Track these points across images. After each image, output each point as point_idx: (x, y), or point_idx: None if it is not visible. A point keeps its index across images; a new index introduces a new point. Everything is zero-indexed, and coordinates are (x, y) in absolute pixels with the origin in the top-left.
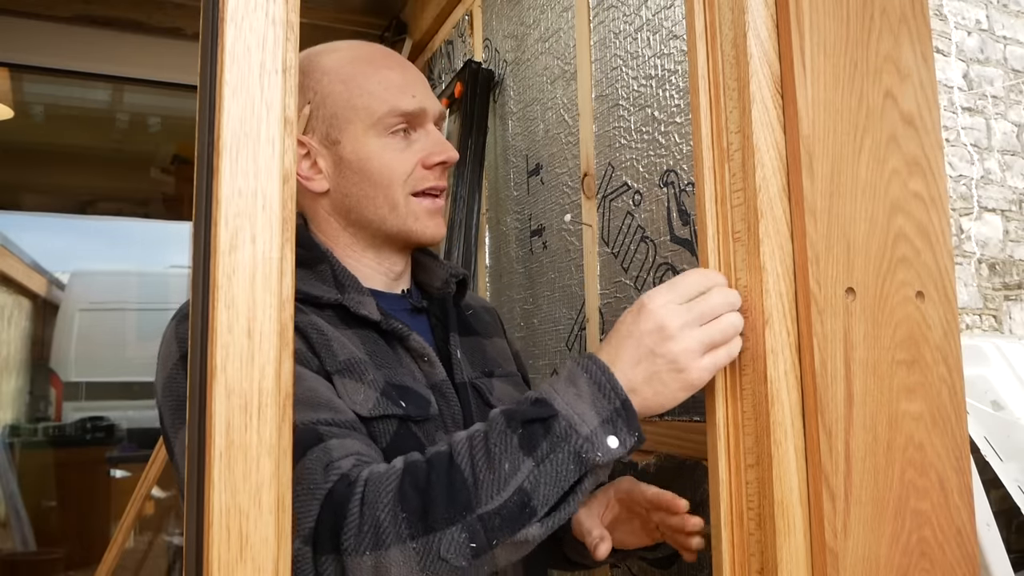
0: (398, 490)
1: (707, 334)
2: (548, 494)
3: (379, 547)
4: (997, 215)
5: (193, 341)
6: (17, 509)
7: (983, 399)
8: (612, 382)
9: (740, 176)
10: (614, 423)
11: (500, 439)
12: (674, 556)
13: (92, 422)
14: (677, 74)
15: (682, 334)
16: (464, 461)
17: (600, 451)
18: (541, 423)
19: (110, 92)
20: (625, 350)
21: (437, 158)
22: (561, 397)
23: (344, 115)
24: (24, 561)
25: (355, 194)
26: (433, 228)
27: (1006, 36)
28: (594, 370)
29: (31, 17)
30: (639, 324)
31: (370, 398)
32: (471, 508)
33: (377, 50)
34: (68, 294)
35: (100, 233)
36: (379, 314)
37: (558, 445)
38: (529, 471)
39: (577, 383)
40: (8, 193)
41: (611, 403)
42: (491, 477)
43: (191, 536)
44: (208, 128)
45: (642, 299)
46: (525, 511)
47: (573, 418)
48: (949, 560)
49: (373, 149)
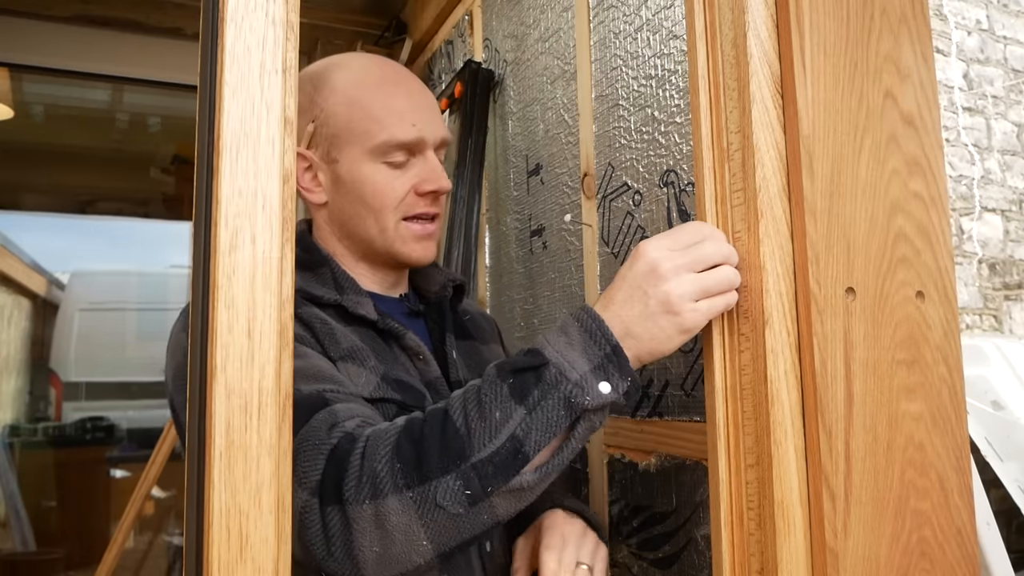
0: (395, 443)
1: (701, 280)
2: (540, 440)
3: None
4: (997, 215)
5: (193, 341)
6: (17, 509)
7: (983, 399)
8: (603, 329)
9: (740, 176)
10: (605, 368)
11: (491, 389)
12: (674, 556)
13: (92, 422)
14: (677, 74)
15: (676, 276)
16: (457, 413)
17: (590, 396)
18: (532, 371)
19: (110, 92)
20: (619, 291)
21: (429, 187)
22: (552, 346)
23: (344, 137)
24: (24, 561)
25: (349, 212)
26: (420, 252)
27: (1006, 36)
28: (585, 319)
29: (31, 17)
30: (633, 267)
31: (371, 382)
32: (465, 456)
33: (388, 71)
34: (68, 294)
35: (100, 233)
36: (376, 314)
37: (548, 392)
38: (521, 418)
39: (568, 332)
40: (8, 193)
41: (601, 349)
42: (483, 426)
43: (191, 536)
44: (208, 128)
45: (639, 245)
46: (518, 457)
47: (563, 365)
48: (949, 560)
49: (368, 173)
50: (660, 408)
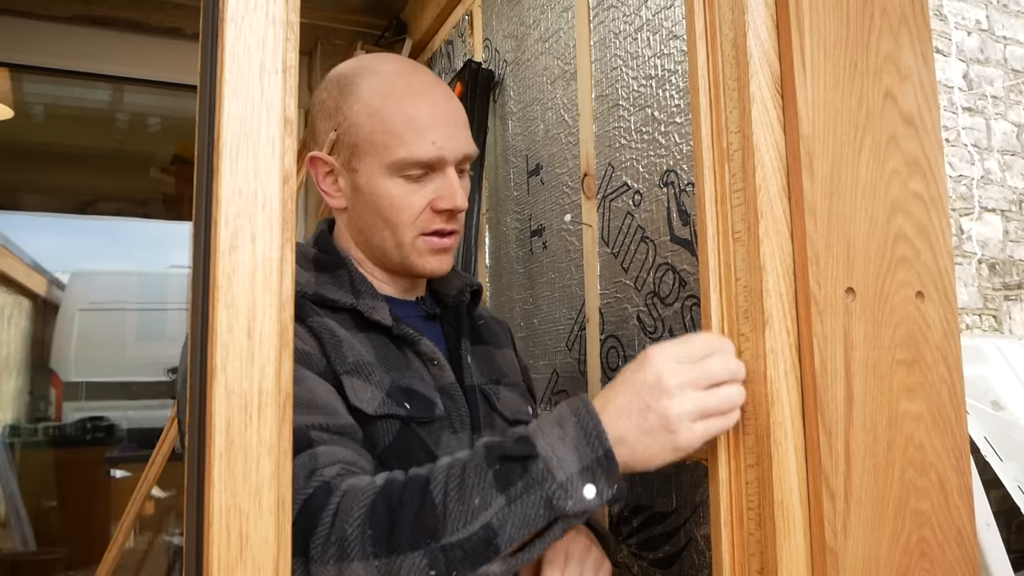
0: (370, 507)
1: (704, 399)
2: (514, 534)
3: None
4: (997, 215)
5: (193, 341)
6: (17, 509)
7: (983, 399)
8: (599, 429)
9: (740, 176)
10: (594, 472)
11: (476, 472)
12: (674, 556)
13: (92, 422)
14: (677, 74)
15: (680, 393)
16: (438, 488)
17: (572, 499)
18: (520, 461)
19: (110, 92)
20: (620, 397)
21: (444, 205)
22: (545, 437)
23: (364, 148)
24: (24, 561)
25: (367, 221)
26: (435, 264)
27: (1006, 36)
28: (583, 414)
29: (31, 17)
30: (639, 374)
31: (376, 397)
32: (436, 536)
33: (414, 82)
34: (68, 294)
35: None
36: (391, 319)
37: (532, 487)
38: (499, 509)
39: (564, 425)
40: (8, 193)
41: (594, 451)
42: (460, 509)
43: (191, 536)
44: (208, 128)
45: (648, 349)
46: (489, 548)
47: (552, 461)
48: (949, 560)
49: (385, 187)
50: None
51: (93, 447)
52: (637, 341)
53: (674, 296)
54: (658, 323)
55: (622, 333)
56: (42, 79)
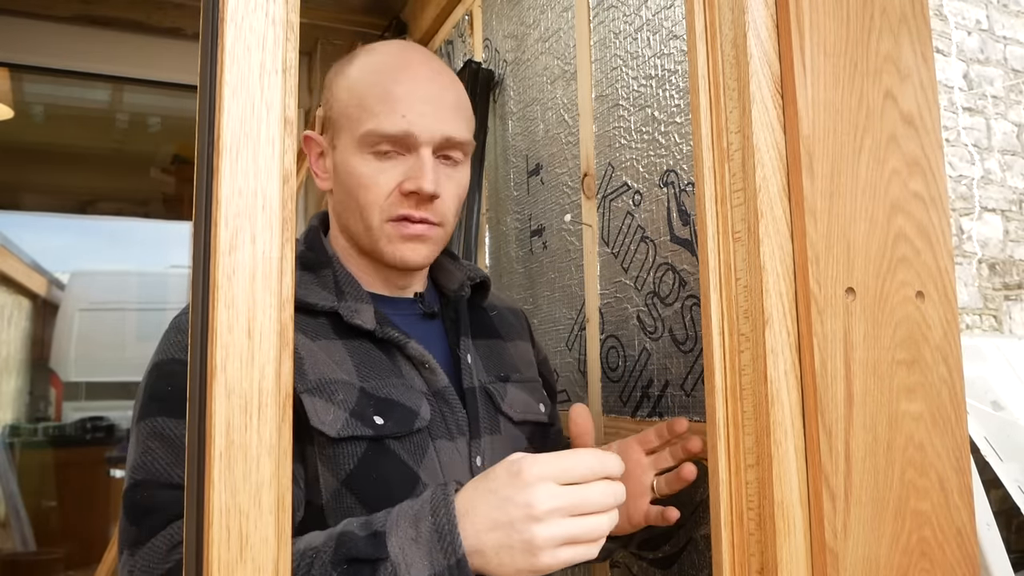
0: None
1: (573, 528)
2: None
3: None
4: (997, 215)
5: (193, 341)
6: (17, 509)
7: (983, 399)
8: (453, 535)
9: (740, 176)
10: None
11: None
12: (674, 556)
13: (92, 422)
14: (677, 74)
15: (549, 519)
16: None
17: None
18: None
19: (110, 92)
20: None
21: (409, 186)
22: (397, 537)
23: (340, 123)
24: (24, 561)
25: (343, 202)
26: (407, 252)
27: (1006, 36)
28: (441, 515)
29: (31, 17)
30: (509, 489)
31: (339, 418)
32: None
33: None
34: (68, 294)
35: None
36: (374, 323)
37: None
38: None
39: (420, 525)
40: (8, 193)
41: (447, 558)
42: None
43: (191, 536)
44: (208, 128)
45: (522, 463)
46: None
47: (400, 566)
48: (949, 560)
49: (354, 164)
50: (660, 408)
51: (93, 447)
52: (637, 341)
53: (674, 296)
54: (658, 323)
55: (622, 333)
56: (42, 79)
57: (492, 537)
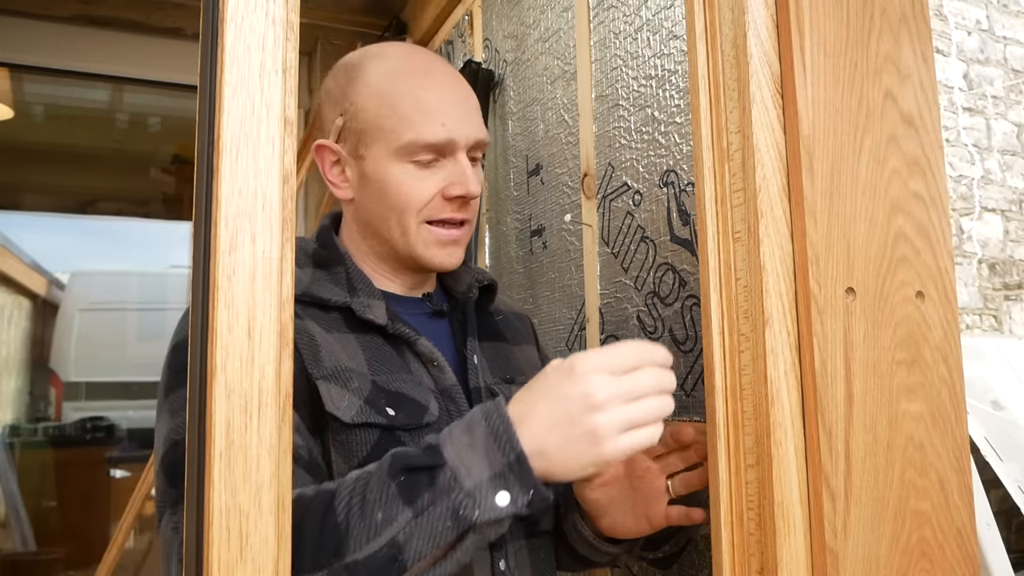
0: None
1: (632, 413)
2: (421, 549)
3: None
4: (997, 215)
5: (193, 341)
6: (17, 509)
7: (983, 399)
8: (509, 433)
9: (740, 176)
10: (505, 478)
11: (378, 485)
12: (674, 556)
13: (92, 422)
14: (677, 74)
15: (608, 408)
16: (342, 504)
17: (480, 508)
18: (427, 471)
19: (110, 92)
20: (542, 409)
21: (456, 191)
22: (453, 445)
23: (371, 133)
24: (24, 561)
25: (373, 211)
26: (443, 257)
27: (1006, 36)
28: (494, 418)
29: (31, 17)
30: (564, 386)
31: (353, 405)
32: (339, 555)
33: (422, 64)
34: (68, 294)
35: (100, 233)
36: (386, 318)
37: (439, 498)
38: (406, 523)
39: (474, 431)
40: (8, 193)
41: (505, 456)
42: (362, 525)
43: (191, 536)
44: (208, 128)
45: (572, 360)
46: (395, 565)
47: (459, 470)
48: (949, 560)
49: (393, 173)
50: None
51: (93, 447)
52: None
53: (674, 296)
54: (658, 323)
55: (622, 333)
56: (42, 79)
57: (553, 436)
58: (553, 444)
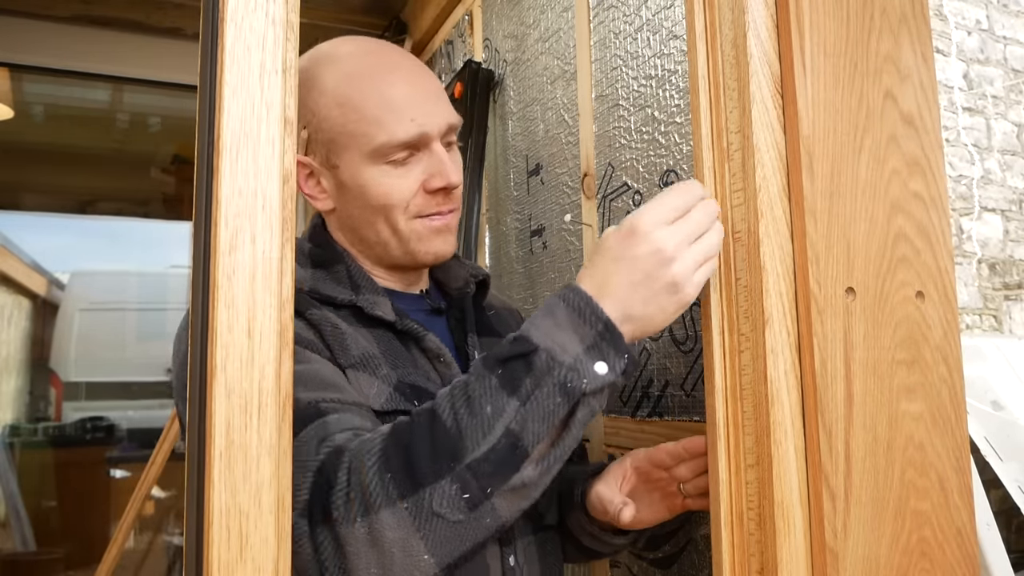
0: (382, 452)
1: (698, 252)
2: (538, 431)
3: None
4: (997, 215)
5: (193, 341)
6: (17, 509)
7: (983, 399)
8: (591, 305)
9: (740, 176)
10: (599, 348)
11: (480, 383)
12: (674, 556)
13: (92, 422)
14: (677, 74)
15: (679, 255)
16: (446, 411)
17: (587, 379)
18: (521, 359)
19: (110, 92)
20: (617, 276)
21: (437, 183)
22: (539, 330)
23: (341, 141)
24: (24, 561)
25: (358, 216)
26: (439, 246)
27: (1006, 36)
28: (572, 298)
29: (31, 17)
30: (632, 248)
31: (383, 392)
32: (458, 458)
33: (379, 59)
34: (68, 294)
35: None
36: (394, 314)
37: (541, 379)
38: (515, 411)
39: (555, 313)
40: (8, 193)
41: (593, 327)
42: (474, 423)
43: (191, 536)
44: (208, 128)
45: (632, 221)
46: (516, 452)
47: (553, 349)
48: (949, 560)
49: (370, 177)
50: (660, 408)
51: (93, 447)
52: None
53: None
54: None
55: None
56: (42, 79)
57: (636, 297)
58: (637, 306)
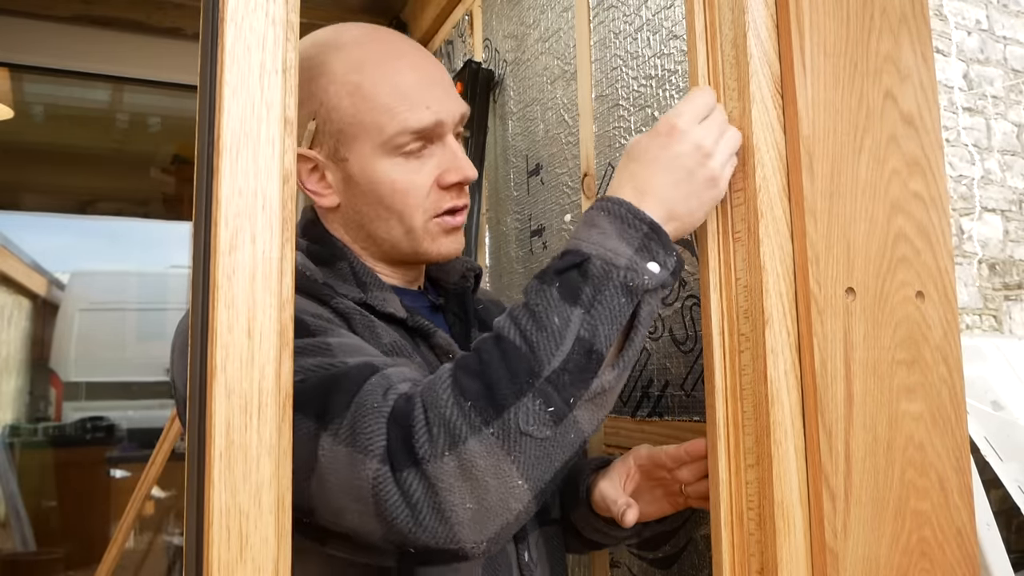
0: (454, 384)
1: (728, 146)
2: (609, 334)
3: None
4: (997, 215)
5: (193, 341)
6: (17, 509)
7: (983, 399)
8: (634, 211)
9: (740, 176)
10: (648, 248)
11: (540, 298)
12: (674, 556)
13: (92, 422)
14: (677, 74)
15: (717, 150)
16: (512, 332)
17: (646, 276)
18: (576, 269)
19: (110, 92)
20: (659, 175)
21: (453, 178)
22: (586, 241)
23: (351, 132)
24: (24, 561)
25: (367, 213)
26: (449, 245)
27: (1006, 36)
28: (612, 207)
29: (31, 17)
30: (674, 147)
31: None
32: (535, 373)
33: (389, 46)
34: (68, 294)
35: (100, 233)
36: (404, 311)
37: (602, 284)
38: (581, 319)
39: (598, 223)
40: (8, 193)
41: (638, 231)
42: (544, 336)
43: (191, 536)
44: (208, 128)
45: (670, 120)
46: (592, 358)
47: (606, 255)
48: (949, 560)
49: (382, 171)
50: (660, 408)
51: (93, 447)
52: None
53: (674, 296)
54: (658, 323)
55: None
56: (42, 79)
57: (679, 196)
58: (680, 203)
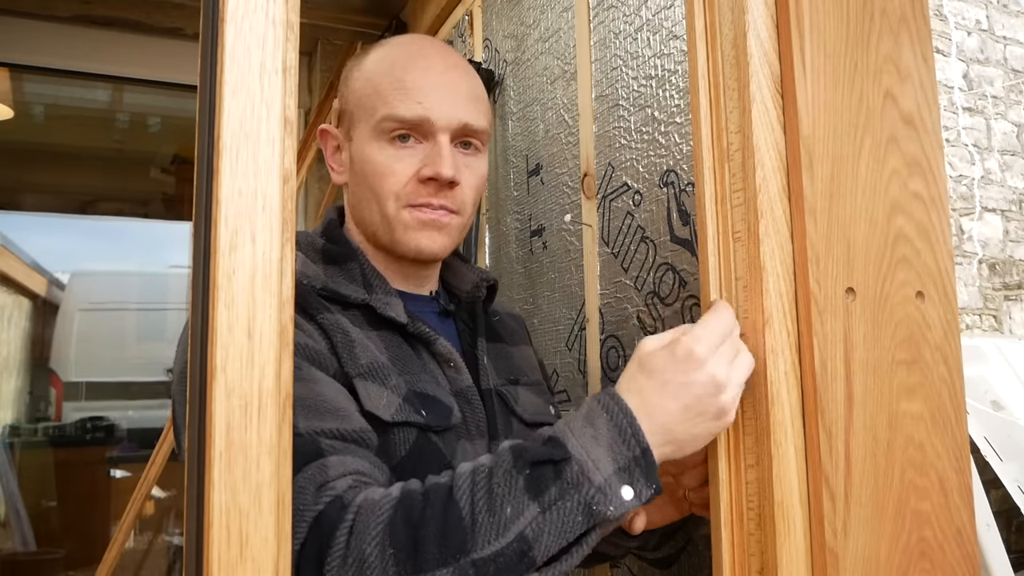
0: (389, 523)
1: (741, 377)
2: (551, 544)
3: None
4: (997, 215)
5: (193, 341)
6: (17, 509)
7: (983, 399)
8: (634, 427)
9: (740, 176)
10: (631, 472)
11: (505, 479)
12: (674, 556)
13: (92, 422)
14: (677, 74)
15: (730, 383)
16: (464, 498)
17: (613, 504)
18: (552, 465)
19: (110, 92)
20: (668, 398)
21: (427, 172)
22: (576, 438)
23: (356, 114)
24: (24, 561)
25: (358, 194)
26: (423, 240)
27: (1006, 36)
28: (615, 412)
29: (31, 17)
30: (688, 374)
31: (392, 403)
32: (465, 551)
33: (418, 50)
34: (68, 294)
35: (100, 233)
36: (406, 317)
37: (567, 492)
38: (533, 518)
39: (596, 424)
40: (8, 193)
41: (631, 450)
42: (491, 520)
43: (191, 536)
44: (208, 128)
45: (688, 345)
46: (524, 560)
47: (587, 464)
48: (949, 560)
49: (371, 152)
50: None
51: (93, 447)
52: (637, 341)
53: (674, 296)
54: (658, 323)
55: (622, 333)
56: (42, 79)
57: (684, 421)
58: (683, 429)
